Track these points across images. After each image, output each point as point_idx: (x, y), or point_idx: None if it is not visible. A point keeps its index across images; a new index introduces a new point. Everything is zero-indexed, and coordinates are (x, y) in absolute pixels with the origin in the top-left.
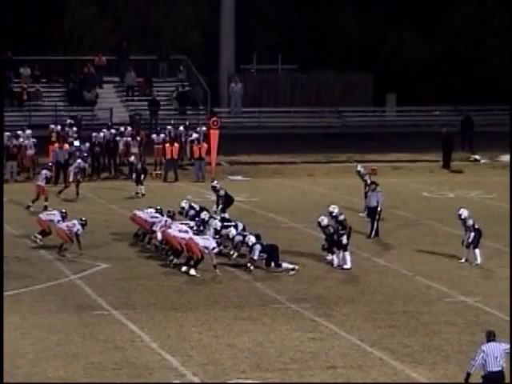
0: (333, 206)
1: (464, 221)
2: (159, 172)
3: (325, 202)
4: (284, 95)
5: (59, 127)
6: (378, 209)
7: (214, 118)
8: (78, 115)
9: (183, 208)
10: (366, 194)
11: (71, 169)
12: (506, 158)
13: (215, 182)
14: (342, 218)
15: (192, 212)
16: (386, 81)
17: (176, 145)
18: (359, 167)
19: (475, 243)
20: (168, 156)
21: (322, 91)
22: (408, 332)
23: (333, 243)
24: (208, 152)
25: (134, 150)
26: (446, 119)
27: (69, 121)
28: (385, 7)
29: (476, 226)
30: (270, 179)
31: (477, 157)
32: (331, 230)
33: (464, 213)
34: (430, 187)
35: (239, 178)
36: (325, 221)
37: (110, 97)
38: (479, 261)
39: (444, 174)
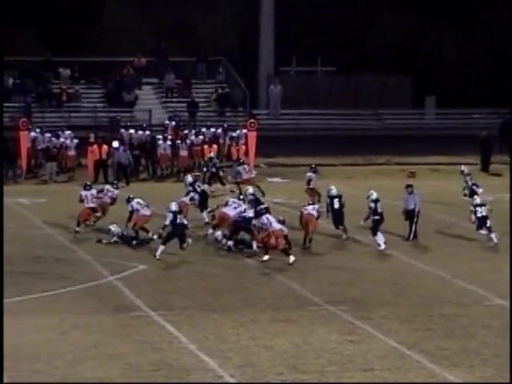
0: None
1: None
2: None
3: (363, 204)
4: (323, 97)
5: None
6: (416, 211)
7: (252, 120)
8: (116, 116)
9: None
10: (471, 193)
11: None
12: None
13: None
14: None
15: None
16: (426, 83)
17: (214, 146)
18: (463, 167)
19: (374, 230)
20: (206, 158)
21: (360, 93)
22: (445, 335)
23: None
24: (246, 154)
25: (184, 153)
26: (485, 122)
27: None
28: (424, 8)
29: (379, 211)
30: None
31: None
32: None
33: (373, 195)
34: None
35: (278, 179)
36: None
37: (149, 98)
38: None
39: (482, 177)
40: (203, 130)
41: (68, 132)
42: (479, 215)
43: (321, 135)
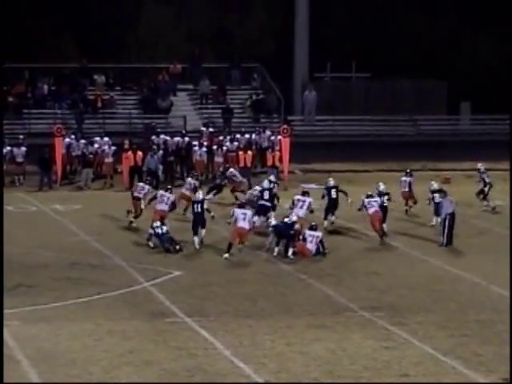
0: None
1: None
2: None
3: (395, 210)
4: (357, 103)
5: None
6: (452, 215)
7: (285, 126)
8: (151, 123)
9: None
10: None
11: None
12: None
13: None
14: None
15: None
16: (461, 88)
17: (249, 153)
18: (479, 165)
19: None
20: (241, 164)
21: (395, 99)
22: (481, 341)
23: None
24: (280, 160)
25: (219, 159)
26: None
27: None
28: (460, 13)
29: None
30: (344, 187)
31: None
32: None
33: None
34: (503, 196)
35: (313, 186)
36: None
37: (184, 105)
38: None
39: None
40: (238, 136)
41: (106, 139)
42: (436, 201)
43: (355, 141)
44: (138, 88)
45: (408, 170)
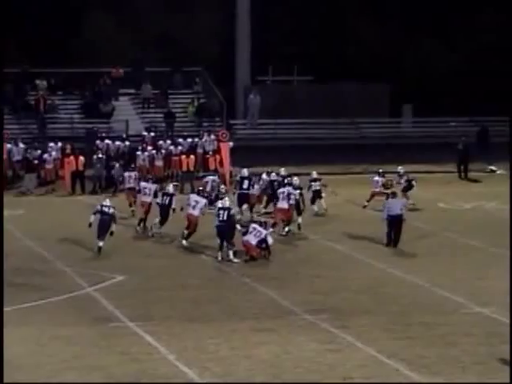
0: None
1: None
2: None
3: (343, 212)
4: (300, 106)
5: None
6: (401, 217)
7: (223, 131)
8: (93, 127)
9: None
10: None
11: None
12: None
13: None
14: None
15: None
16: (404, 91)
17: (192, 157)
18: (399, 168)
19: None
20: (184, 168)
21: (338, 102)
22: (425, 343)
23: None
24: (221, 164)
25: (159, 162)
26: (462, 130)
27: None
28: (403, 17)
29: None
30: None
31: (493, 168)
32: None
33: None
34: (447, 198)
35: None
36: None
37: (126, 109)
38: None
39: (460, 185)
40: (180, 140)
41: (51, 144)
42: (314, 189)
43: (299, 144)
44: (80, 92)
45: (380, 171)
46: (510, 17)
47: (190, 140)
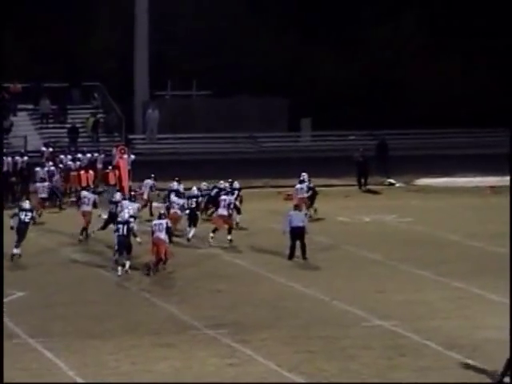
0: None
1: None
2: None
3: (244, 226)
4: (199, 121)
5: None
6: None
7: (121, 146)
8: None
9: None
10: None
11: None
12: (421, 181)
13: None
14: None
15: None
16: (302, 105)
17: (91, 172)
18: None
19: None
20: (84, 183)
21: (237, 117)
22: (326, 356)
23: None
24: (119, 179)
25: (56, 177)
26: (361, 143)
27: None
28: (301, 31)
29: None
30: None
31: (392, 181)
32: None
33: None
34: (346, 211)
35: (156, 204)
36: None
37: (25, 124)
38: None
39: (360, 198)
40: (79, 155)
41: None
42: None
43: (198, 159)
44: None
45: (301, 178)
46: (406, 31)
47: (89, 155)
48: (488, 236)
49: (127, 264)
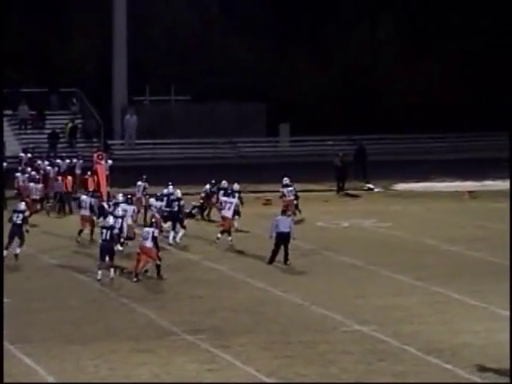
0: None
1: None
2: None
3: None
4: (178, 126)
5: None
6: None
7: (99, 152)
8: None
9: None
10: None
11: None
12: (400, 186)
13: None
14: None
15: None
16: (280, 110)
17: (69, 178)
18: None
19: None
20: (63, 189)
21: (216, 122)
22: (304, 362)
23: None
24: (98, 185)
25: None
26: (340, 149)
27: None
28: (278, 36)
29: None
30: None
31: (370, 186)
32: None
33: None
34: (325, 217)
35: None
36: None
37: (3, 130)
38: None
39: (338, 203)
40: (58, 161)
41: None
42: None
43: (177, 164)
44: None
45: (285, 183)
46: (383, 34)
47: (68, 161)
48: (466, 240)
49: (111, 272)
